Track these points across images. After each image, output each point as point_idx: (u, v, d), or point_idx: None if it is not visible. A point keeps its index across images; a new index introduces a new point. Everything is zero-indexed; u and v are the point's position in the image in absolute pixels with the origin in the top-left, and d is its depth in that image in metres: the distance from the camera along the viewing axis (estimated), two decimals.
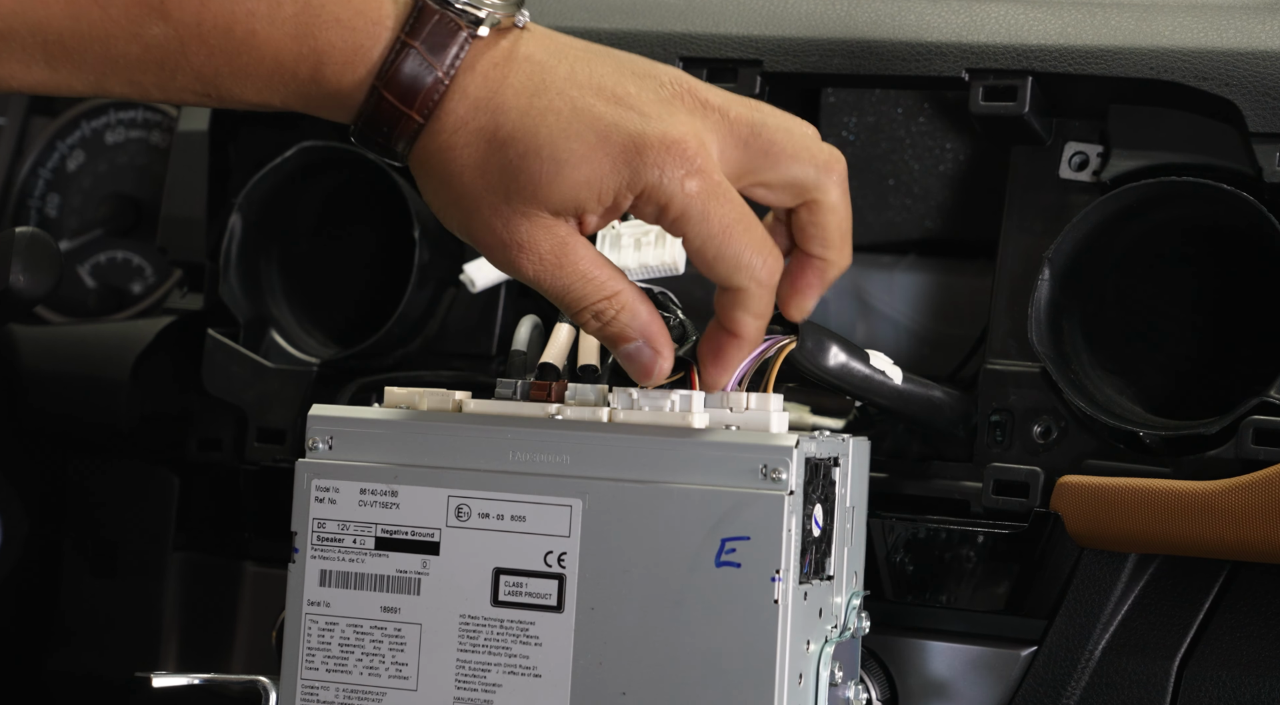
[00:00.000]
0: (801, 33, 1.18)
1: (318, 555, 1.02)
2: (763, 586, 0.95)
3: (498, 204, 0.95)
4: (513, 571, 0.99)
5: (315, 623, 1.02)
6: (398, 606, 1.01)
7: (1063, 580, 1.11)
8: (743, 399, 0.99)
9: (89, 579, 1.39)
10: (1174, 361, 1.15)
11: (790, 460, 0.96)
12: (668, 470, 0.97)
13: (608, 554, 0.97)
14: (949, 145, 1.31)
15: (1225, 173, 1.10)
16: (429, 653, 1.00)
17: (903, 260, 1.30)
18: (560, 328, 1.05)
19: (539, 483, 0.98)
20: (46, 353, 1.37)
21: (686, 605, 0.96)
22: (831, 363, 1.04)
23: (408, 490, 1.00)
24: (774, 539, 0.95)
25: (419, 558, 1.00)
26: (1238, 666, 1.09)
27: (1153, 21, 1.13)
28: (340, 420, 1.02)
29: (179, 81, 0.97)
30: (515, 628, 0.99)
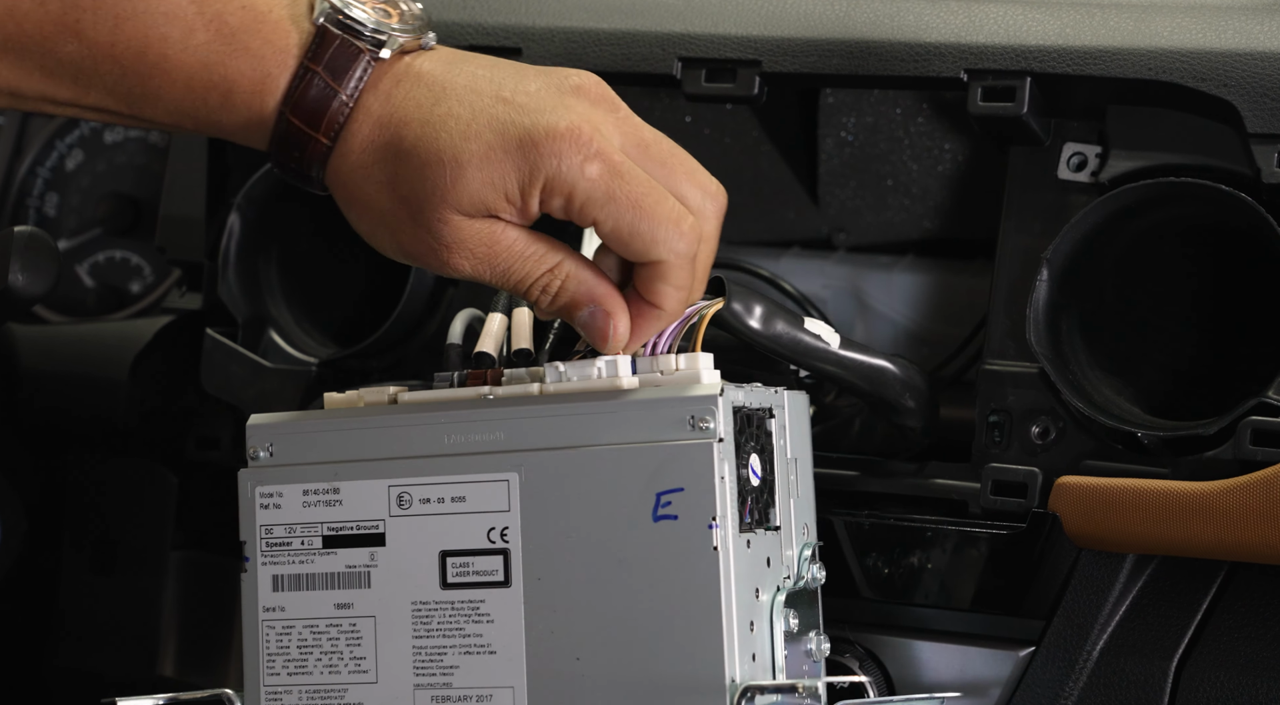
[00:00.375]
0: (800, 33, 1.18)
1: (268, 561, 1.03)
2: (701, 535, 0.96)
3: (416, 214, 0.97)
4: (458, 552, 0.99)
5: (272, 628, 1.02)
6: (350, 602, 1.01)
7: (1061, 581, 1.11)
8: (671, 361, 1.00)
9: (88, 577, 1.40)
10: (1172, 362, 1.15)
11: (715, 408, 0.96)
12: (599, 433, 0.97)
13: (548, 523, 0.98)
14: (947, 146, 1.31)
15: (1223, 173, 1.10)
16: (385, 643, 1.00)
17: (901, 260, 1.30)
18: (493, 317, 1.05)
19: (475, 462, 0.99)
20: (45, 352, 1.37)
21: (629, 564, 0.97)
22: (760, 325, 1.03)
23: (349, 485, 1.01)
24: (707, 487, 0.96)
25: (366, 551, 1.01)
26: (1236, 667, 1.09)
27: (1151, 22, 1.13)
28: (278, 426, 1.03)
29: (92, 97, 0.99)
30: (466, 608, 0.99)
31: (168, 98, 0.98)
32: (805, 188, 1.35)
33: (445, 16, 1.24)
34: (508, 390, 1.00)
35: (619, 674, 0.97)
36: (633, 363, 1.00)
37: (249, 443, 1.04)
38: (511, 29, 1.22)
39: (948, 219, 1.31)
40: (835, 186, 1.34)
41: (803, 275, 1.31)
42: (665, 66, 1.19)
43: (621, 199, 0.96)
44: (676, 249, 0.98)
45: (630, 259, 0.99)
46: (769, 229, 1.35)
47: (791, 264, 1.32)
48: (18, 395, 1.37)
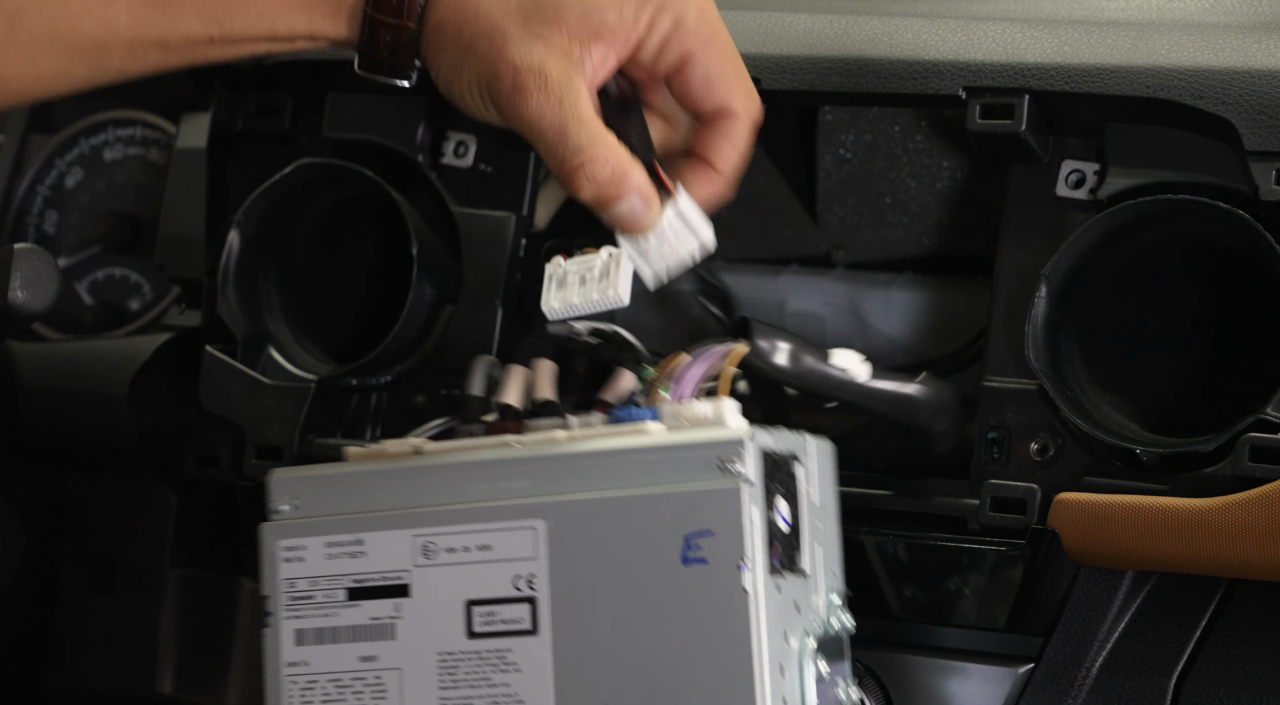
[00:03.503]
0: (798, 51, 1.18)
1: (291, 616, 1.02)
2: (730, 577, 0.95)
3: (514, 30, 1.00)
4: (484, 601, 0.98)
5: (295, 684, 1.01)
6: (375, 654, 1.00)
7: (1060, 597, 1.11)
8: (696, 408, 0.99)
9: (87, 595, 1.39)
10: (1171, 379, 1.15)
11: (744, 450, 0.96)
12: (625, 480, 0.97)
13: (576, 570, 0.97)
14: (946, 163, 1.31)
15: (1221, 191, 1.10)
16: (411, 695, 0.99)
17: (900, 278, 1.30)
18: (514, 369, 1.06)
19: (500, 510, 0.98)
20: (44, 369, 1.37)
21: (659, 609, 0.96)
22: (786, 362, 1.03)
23: (373, 537, 1.00)
24: (736, 529, 0.95)
25: (390, 602, 1.00)
26: (1235, 684, 1.09)
27: (1149, 40, 1.13)
28: (303, 480, 1.03)
29: (182, 26, 0.99)
30: (493, 657, 0.98)
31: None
32: (804, 205, 1.35)
33: None
34: (533, 438, 1.00)
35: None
36: (656, 411, 1.00)
37: (272, 497, 1.03)
38: None
39: (946, 236, 1.31)
40: (834, 204, 1.34)
41: (801, 293, 1.31)
42: None
43: (720, 40, 1.03)
44: (752, 100, 1.04)
45: (702, 108, 1.03)
46: (768, 246, 1.35)
47: (790, 281, 1.32)
48: (16, 413, 1.37)
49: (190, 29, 1.01)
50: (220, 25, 1.01)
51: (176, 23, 1.01)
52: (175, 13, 1.00)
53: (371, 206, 1.26)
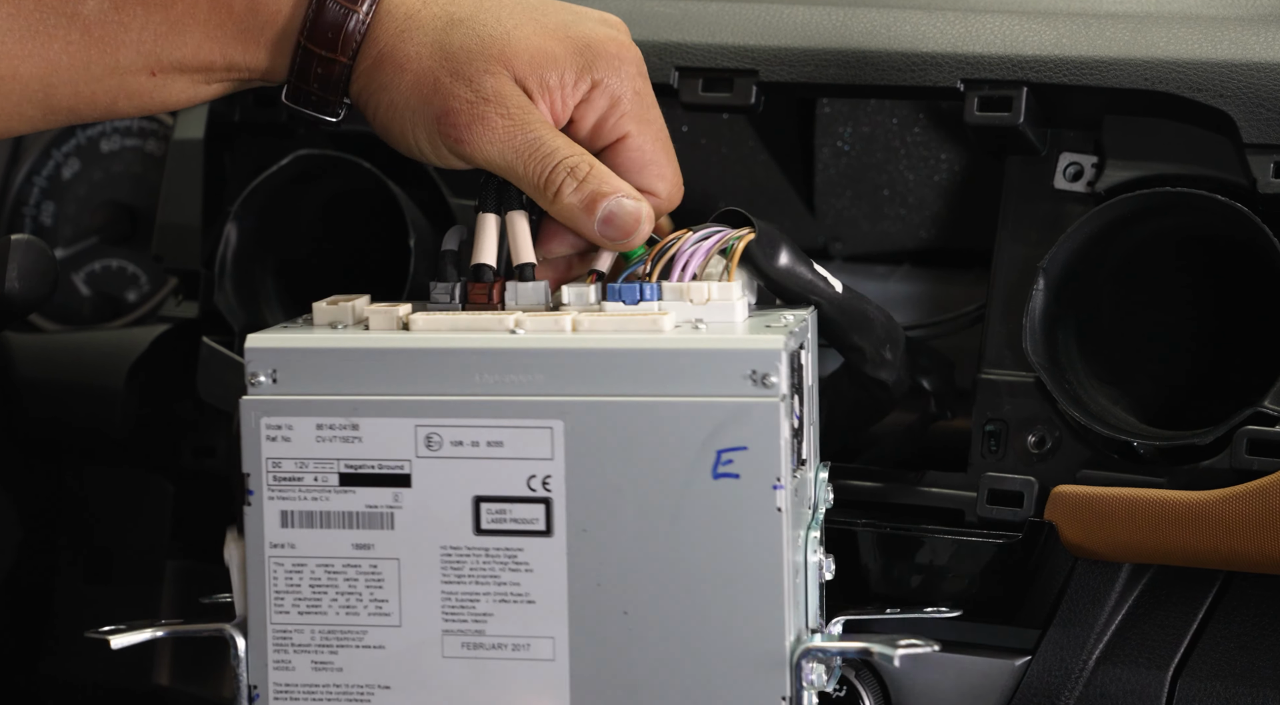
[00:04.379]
0: (797, 43, 1.18)
1: (275, 495, 0.96)
2: (764, 495, 0.92)
3: (459, 68, 0.98)
4: (494, 498, 0.95)
5: (281, 565, 0.97)
6: (371, 542, 0.96)
7: (1057, 590, 1.11)
8: (703, 289, 0.97)
9: (84, 586, 1.40)
10: (1168, 372, 1.15)
11: (780, 363, 0.92)
12: (651, 383, 0.93)
13: (596, 474, 0.94)
14: (944, 155, 1.31)
15: (1219, 184, 1.10)
16: (410, 587, 0.95)
17: (897, 270, 1.30)
18: (485, 218, 1.00)
19: (514, 406, 0.94)
20: (41, 360, 1.37)
21: (685, 519, 0.93)
22: (781, 262, 1.01)
23: (370, 423, 0.95)
24: (772, 446, 0.92)
25: (389, 491, 0.95)
26: (1231, 677, 1.09)
27: (1147, 33, 1.13)
28: (284, 352, 0.96)
29: (122, 59, 0.99)
30: (502, 555, 0.95)
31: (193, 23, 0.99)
32: (802, 197, 1.35)
33: None
34: (536, 322, 0.95)
35: (671, 629, 0.94)
36: (659, 288, 0.97)
37: (248, 366, 0.96)
38: None
39: (944, 228, 1.31)
40: (831, 196, 1.34)
41: None
42: (662, 76, 1.19)
43: (655, 124, 1.02)
44: (676, 188, 1.03)
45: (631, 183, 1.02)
46: None
47: None
48: (14, 404, 1.37)
49: (129, 61, 1.00)
50: (158, 58, 1.00)
51: (117, 57, 0.99)
52: (114, 47, 0.99)
53: (369, 198, 1.26)
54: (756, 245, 1.00)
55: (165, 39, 1.00)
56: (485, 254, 0.99)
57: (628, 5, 1.22)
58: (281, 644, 0.97)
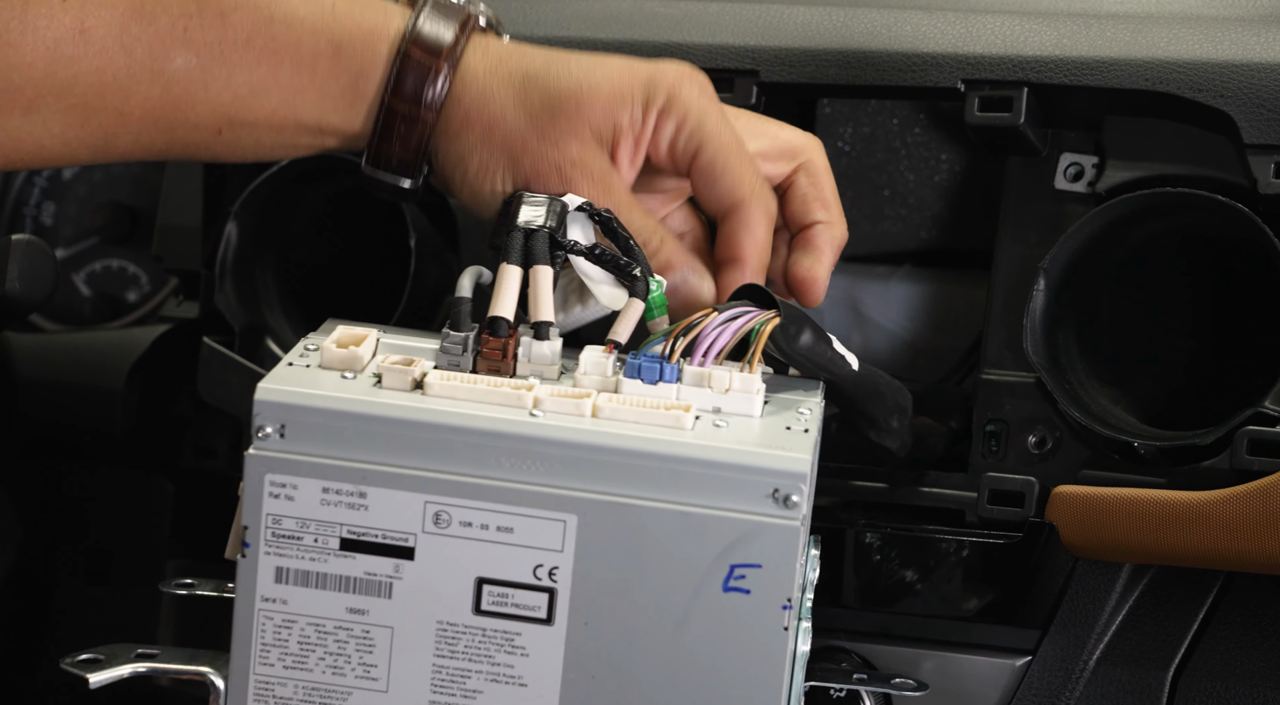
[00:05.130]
0: (797, 43, 1.18)
1: (272, 552, 0.95)
2: (773, 614, 0.92)
3: (545, 129, 1.00)
4: (498, 582, 0.94)
5: (270, 619, 0.95)
6: (366, 608, 0.95)
7: (1057, 590, 1.11)
8: (724, 378, 0.96)
9: (83, 586, 1.39)
10: (1169, 372, 1.15)
11: (804, 485, 0.92)
12: (670, 487, 0.92)
13: (605, 570, 0.93)
14: (944, 156, 1.31)
15: (1220, 184, 1.10)
16: (401, 656, 0.95)
17: (898, 271, 1.30)
18: (507, 269, 0.97)
19: (528, 495, 0.93)
20: (42, 361, 1.37)
21: (689, 627, 0.93)
22: (802, 344, 0.99)
23: (378, 493, 0.93)
24: (787, 567, 0.92)
25: (391, 562, 0.94)
26: (1232, 677, 1.09)
27: (1148, 33, 1.13)
28: (294, 408, 0.93)
29: (194, 116, 0.99)
30: (499, 637, 0.94)
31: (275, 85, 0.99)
32: None
33: None
34: (555, 406, 0.94)
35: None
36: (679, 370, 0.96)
37: (256, 418, 0.93)
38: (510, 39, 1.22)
39: (944, 229, 1.31)
40: None
41: None
42: None
43: (726, 135, 1.02)
44: (762, 193, 1.03)
45: (713, 202, 1.03)
46: None
47: None
48: (14, 404, 1.36)
49: (199, 119, 1.00)
50: (229, 117, 1.00)
51: (188, 114, 0.99)
52: (189, 106, 0.99)
53: (369, 198, 1.25)
54: (780, 329, 0.98)
55: (244, 100, 1.00)
56: (504, 307, 0.97)
57: (629, 6, 1.23)
58: (263, 695, 0.96)
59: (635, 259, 1.00)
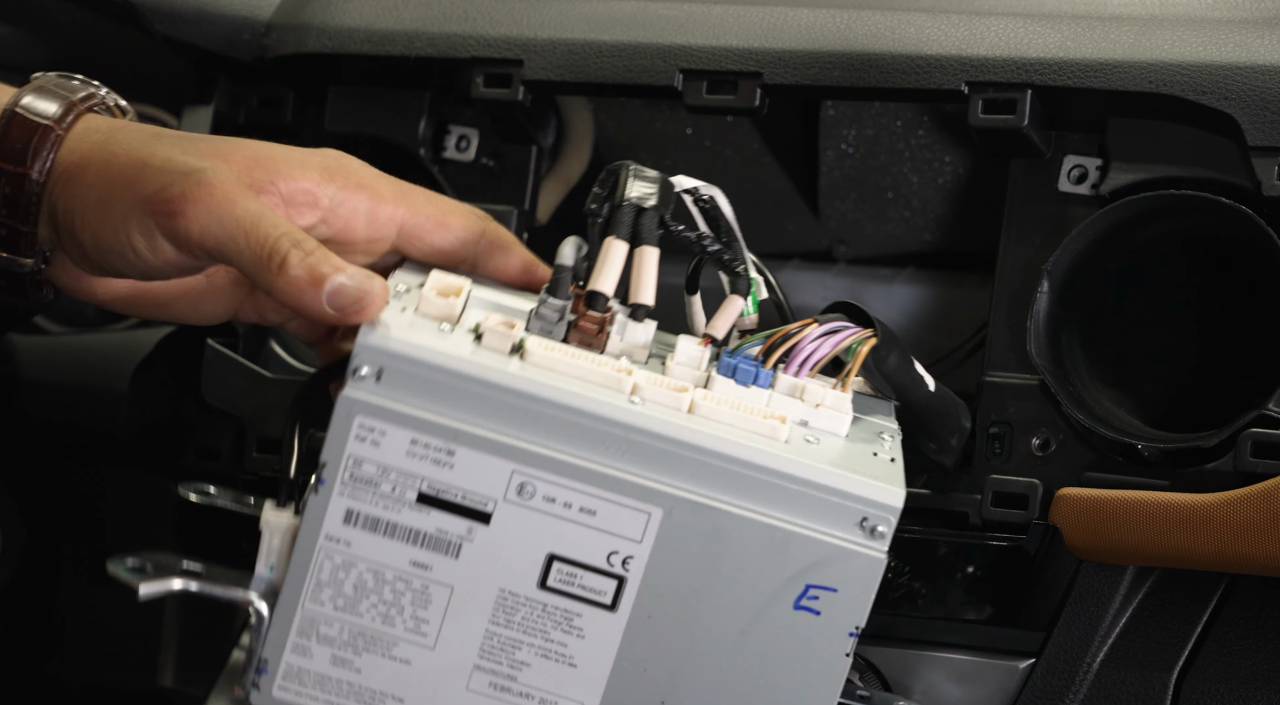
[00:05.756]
0: (801, 45, 1.18)
1: (346, 493, 0.93)
2: (839, 640, 0.92)
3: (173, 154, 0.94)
4: (569, 561, 0.93)
5: (330, 559, 0.94)
6: (430, 564, 0.93)
7: (1061, 592, 1.11)
8: (817, 393, 0.95)
9: (87, 587, 1.39)
10: (1173, 374, 1.15)
11: (893, 518, 0.92)
12: (761, 498, 0.92)
13: (680, 568, 0.92)
14: (948, 158, 1.31)
15: (1224, 186, 1.10)
16: (456, 616, 0.93)
17: (902, 273, 1.30)
18: (613, 244, 0.95)
19: (618, 482, 0.91)
20: (45, 362, 1.37)
21: (753, 638, 0.92)
22: (892, 363, 0.99)
23: (467, 453, 0.92)
24: (863, 597, 0.92)
25: (465, 523, 0.93)
26: (1236, 679, 1.09)
27: (1152, 35, 1.13)
28: (395, 357, 0.91)
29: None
30: (559, 615, 0.93)
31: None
32: (806, 200, 1.35)
33: (445, 28, 1.24)
34: (654, 396, 0.93)
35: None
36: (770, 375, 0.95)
37: (355, 357, 0.91)
38: (513, 41, 1.23)
39: (948, 231, 1.31)
40: (836, 199, 1.34)
41: (803, 287, 1.31)
42: (666, 78, 1.19)
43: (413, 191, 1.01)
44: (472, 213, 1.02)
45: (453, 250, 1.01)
46: (769, 241, 1.35)
47: (792, 276, 1.32)
48: (18, 405, 1.37)
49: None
50: None
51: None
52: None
53: None
54: (874, 349, 0.97)
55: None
56: (605, 283, 0.95)
57: (632, 8, 1.23)
58: (307, 631, 0.95)
59: (735, 254, 0.98)
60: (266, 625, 0.95)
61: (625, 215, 0.96)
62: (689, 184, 0.98)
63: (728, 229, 0.99)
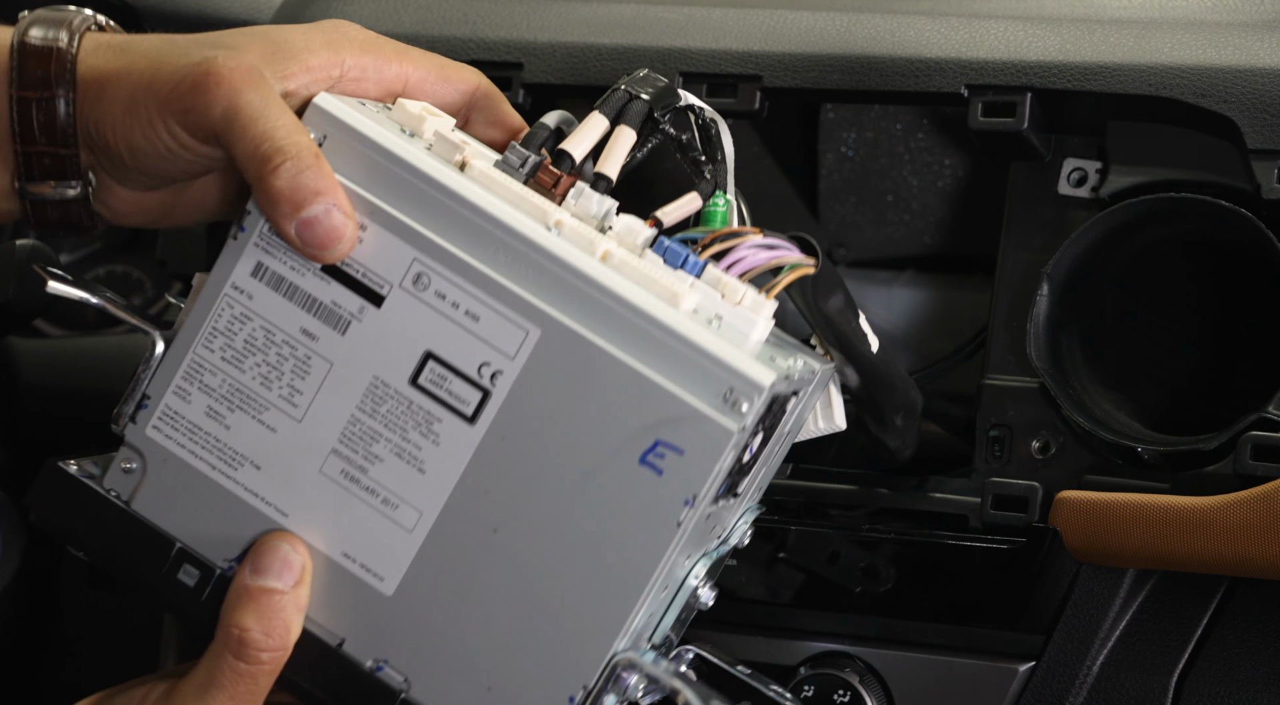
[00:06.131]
0: (801, 48, 1.18)
1: (262, 245, 0.95)
2: (672, 504, 0.91)
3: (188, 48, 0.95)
4: (443, 362, 0.94)
5: (230, 308, 0.95)
6: (318, 335, 0.95)
7: (1061, 595, 1.11)
8: (739, 290, 0.94)
9: (87, 591, 1.40)
10: (1172, 377, 1.15)
11: (758, 399, 0.90)
12: (638, 347, 0.92)
13: (541, 395, 0.92)
14: (948, 161, 1.31)
15: (1223, 189, 1.10)
16: (328, 394, 0.94)
17: (901, 275, 1.30)
18: (595, 117, 0.98)
19: (508, 294, 0.92)
20: (46, 366, 1.37)
21: (594, 482, 0.92)
22: (829, 307, 0.98)
23: (378, 231, 0.94)
24: (706, 466, 0.91)
25: (359, 302, 0.94)
26: (1236, 682, 1.10)
27: (1152, 38, 1.13)
28: (342, 126, 0.94)
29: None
30: (421, 415, 0.94)
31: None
32: (805, 203, 1.35)
33: (445, 32, 1.24)
34: (574, 227, 0.93)
35: (525, 570, 0.93)
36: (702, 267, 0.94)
37: (305, 118, 0.94)
38: (513, 44, 1.23)
39: (948, 234, 1.32)
40: (835, 202, 1.34)
41: None
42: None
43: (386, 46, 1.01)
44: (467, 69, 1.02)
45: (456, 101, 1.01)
46: None
47: None
48: (19, 408, 1.37)
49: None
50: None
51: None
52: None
53: None
54: (812, 282, 0.96)
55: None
56: (577, 146, 0.97)
57: (632, 11, 1.23)
58: (192, 375, 0.96)
59: (713, 162, 0.99)
60: (158, 361, 0.97)
61: (617, 98, 0.99)
62: (695, 101, 1.00)
63: (717, 141, 1.00)
